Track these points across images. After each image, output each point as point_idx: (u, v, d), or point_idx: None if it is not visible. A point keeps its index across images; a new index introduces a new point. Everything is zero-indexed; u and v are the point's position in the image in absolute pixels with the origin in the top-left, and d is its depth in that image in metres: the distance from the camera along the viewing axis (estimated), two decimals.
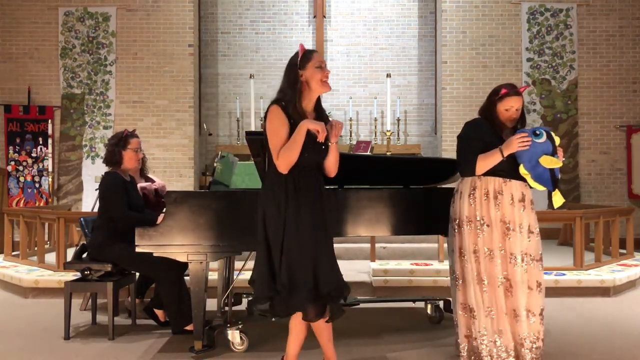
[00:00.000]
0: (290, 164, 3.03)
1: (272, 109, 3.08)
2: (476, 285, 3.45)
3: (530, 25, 9.02)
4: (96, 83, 8.92)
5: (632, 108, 9.05)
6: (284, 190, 3.05)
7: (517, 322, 3.40)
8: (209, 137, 9.37)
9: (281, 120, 3.05)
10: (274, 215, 3.05)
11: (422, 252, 6.47)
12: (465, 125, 3.68)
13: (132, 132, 4.48)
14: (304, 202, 3.05)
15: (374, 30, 9.76)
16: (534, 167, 3.39)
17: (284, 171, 3.04)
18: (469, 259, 3.46)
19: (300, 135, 3.00)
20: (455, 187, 3.71)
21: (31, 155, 8.81)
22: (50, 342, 4.11)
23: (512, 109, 3.48)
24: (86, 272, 4.25)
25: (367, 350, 3.81)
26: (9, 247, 6.83)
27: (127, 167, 4.44)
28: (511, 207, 3.44)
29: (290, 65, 3.14)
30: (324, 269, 3.05)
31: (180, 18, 8.95)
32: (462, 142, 3.62)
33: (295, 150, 3.00)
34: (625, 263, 6.41)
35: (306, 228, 3.04)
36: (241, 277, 4.58)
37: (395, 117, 9.35)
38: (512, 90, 3.49)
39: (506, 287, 3.42)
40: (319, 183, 3.17)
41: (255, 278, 3.13)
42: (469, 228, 3.48)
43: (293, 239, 3.02)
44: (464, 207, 3.51)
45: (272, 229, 3.06)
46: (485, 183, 3.49)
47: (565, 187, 8.90)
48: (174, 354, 3.84)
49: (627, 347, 3.98)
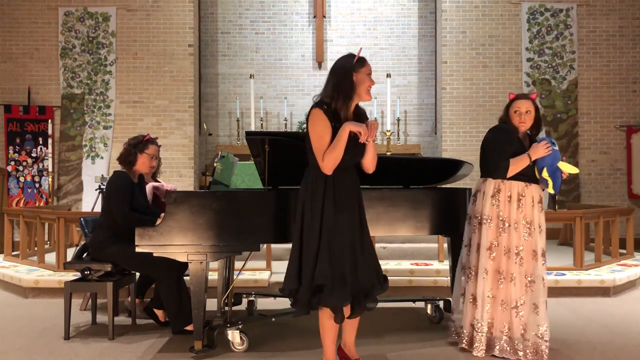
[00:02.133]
0: (335, 165, 3.13)
1: (315, 112, 3.14)
2: (488, 279, 3.72)
3: (530, 25, 9.02)
4: (96, 83, 8.92)
5: (632, 108, 9.05)
6: (322, 188, 3.16)
7: (536, 314, 3.67)
8: (209, 137, 9.37)
9: (325, 123, 3.12)
10: (311, 215, 3.16)
11: (422, 252, 6.47)
12: (491, 131, 3.91)
13: (154, 139, 4.51)
14: (343, 200, 3.17)
15: (374, 30, 9.77)
16: (554, 172, 3.74)
17: (328, 172, 3.14)
18: (486, 255, 3.74)
19: (344, 138, 3.10)
20: (475, 187, 3.96)
21: (31, 155, 8.81)
22: (50, 342, 4.11)
23: (520, 110, 3.77)
24: (86, 272, 4.25)
25: (367, 350, 3.81)
26: (9, 247, 6.84)
27: (138, 170, 4.44)
28: (532, 208, 3.76)
29: (345, 68, 3.15)
30: (361, 266, 3.17)
31: (180, 18, 8.95)
32: (493, 147, 3.83)
33: (339, 152, 3.11)
34: (625, 263, 6.41)
35: (344, 225, 3.15)
36: (241, 277, 4.59)
37: (395, 117, 9.35)
38: (520, 94, 3.87)
39: (525, 283, 3.70)
40: (356, 182, 3.31)
41: (287, 269, 3.29)
42: (489, 226, 3.76)
43: (332, 236, 3.13)
44: (486, 207, 3.79)
45: (308, 226, 3.17)
46: (509, 186, 3.77)
47: (565, 187, 8.90)
48: (174, 354, 3.84)
49: (627, 347, 3.98)
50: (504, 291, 3.72)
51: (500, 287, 3.71)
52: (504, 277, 3.71)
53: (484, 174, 3.90)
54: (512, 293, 3.69)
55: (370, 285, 3.21)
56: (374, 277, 3.25)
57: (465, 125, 8.94)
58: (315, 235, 3.14)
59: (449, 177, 4.69)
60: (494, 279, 3.72)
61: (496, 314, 3.72)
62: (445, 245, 5.23)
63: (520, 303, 3.68)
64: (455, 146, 8.87)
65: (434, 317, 4.62)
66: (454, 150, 8.80)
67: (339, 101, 3.13)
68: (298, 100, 9.72)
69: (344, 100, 3.14)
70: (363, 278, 3.18)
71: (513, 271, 3.70)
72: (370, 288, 3.22)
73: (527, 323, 3.67)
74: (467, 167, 4.52)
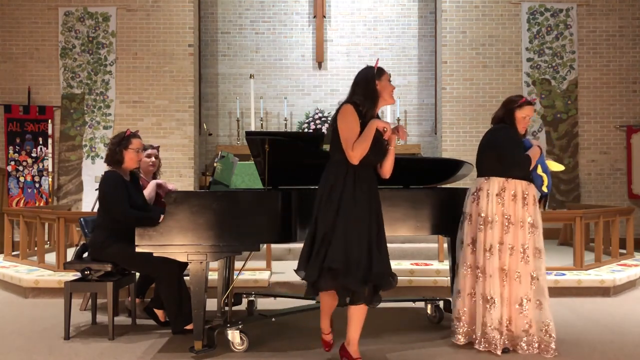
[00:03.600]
0: (362, 155, 3.35)
1: (347, 107, 3.40)
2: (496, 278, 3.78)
3: (530, 25, 9.02)
4: (96, 83, 8.92)
5: (632, 108, 9.05)
6: (342, 182, 3.37)
7: (540, 309, 3.77)
8: (209, 137, 9.38)
9: (355, 117, 3.38)
10: (329, 202, 3.36)
11: (422, 252, 6.47)
12: (496, 131, 3.96)
13: (135, 132, 4.48)
14: (361, 194, 3.37)
15: (374, 30, 9.77)
16: (546, 170, 3.87)
17: (356, 162, 3.36)
18: (495, 253, 3.79)
19: (371, 131, 3.36)
20: (477, 185, 3.96)
21: (31, 155, 8.81)
22: (50, 342, 4.11)
23: (527, 117, 3.90)
24: (86, 272, 4.25)
25: (367, 350, 3.80)
26: (9, 247, 6.84)
27: (127, 167, 4.43)
28: (534, 206, 3.85)
29: (368, 77, 3.45)
30: (375, 256, 3.34)
31: (180, 18, 8.95)
32: (509, 144, 3.85)
33: (367, 143, 3.35)
34: (625, 263, 6.41)
35: (361, 216, 3.35)
36: (241, 277, 4.59)
37: (395, 117, 9.35)
38: (529, 100, 3.95)
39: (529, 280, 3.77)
40: (374, 180, 3.51)
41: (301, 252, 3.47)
42: (496, 225, 3.81)
43: (348, 226, 3.32)
44: (492, 205, 3.84)
45: (323, 214, 3.36)
46: (513, 185, 3.84)
47: (565, 187, 8.90)
48: (174, 354, 3.84)
49: (627, 347, 3.98)
50: (509, 289, 3.77)
51: (506, 285, 3.78)
52: (509, 275, 3.77)
53: (487, 173, 3.91)
54: (519, 290, 3.76)
55: (381, 278, 3.36)
56: (386, 271, 3.40)
57: (465, 125, 8.94)
58: (330, 222, 3.33)
59: (449, 177, 4.69)
60: (500, 277, 3.79)
61: (503, 312, 3.77)
62: (445, 245, 5.23)
63: (526, 300, 3.76)
64: (455, 146, 8.87)
65: (434, 317, 4.62)
66: (454, 150, 8.80)
67: (367, 106, 3.41)
68: (298, 100, 9.72)
69: (370, 105, 3.42)
70: (376, 270, 3.33)
71: (519, 269, 3.77)
72: (381, 281, 3.37)
73: (532, 319, 3.76)
74: (467, 167, 4.52)
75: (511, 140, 3.85)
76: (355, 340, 3.50)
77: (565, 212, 7.13)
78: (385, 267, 3.39)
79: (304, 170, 3.95)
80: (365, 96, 3.42)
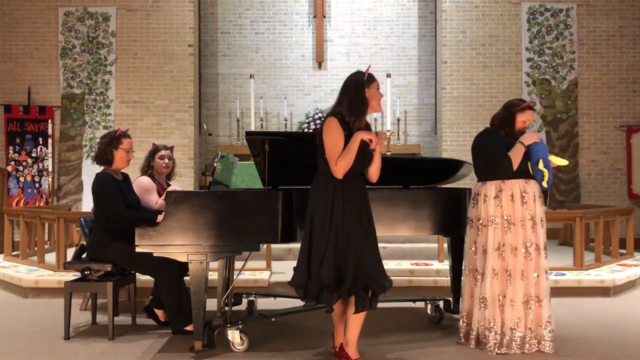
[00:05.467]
0: (346, 169, 3.37)
1: (331, 121, 3.39)
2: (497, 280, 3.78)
3: (530, 25, 9.02)
4: (96, 83, 8.92)
5: (632, 108, 9.05)
6: (332, 193, 3.39)
7: (541, 307, 3.78)
8: (209, 137, 9.37)
9: (339, 131, 3.37)
10: (321, 216, 3.39)
11: (422, 252, 6.47)
12: (481, 135, 4.01)
13: (125, 132, 4.46)
14: (350, 203, 3.39)
15: (374, 30, 9.76)
16: (547, 165, 3.79)
17: (339, 176, 3.38)
18: (495, 255, 3.79)
19: (355, 145, 3.36)
20: (474, 191, 3.99)
21: (31, 155, 8.81)
22: (50, 342, 4.11)
23: (527, 121, 3.88)
24: (86, 272, 4.25)
25: (367, 350, 3.80)
26: (9, 247, 6.84)
27: (117, 167, 4.40)
28: (534, 203, 3.83)
29: (358, 84, 3.43)
30: (367, 263, 3.36)
31: (180, 18, 8.95)
32: (488, 149, 3.87)
33: (351, 157, 3.36)
34: (625, 263, 6.41)
35: (352, 225, 3.37)
36: (241, 277, 4.59)
37: (395, 117, 9.35)
38: (530, 103, 3.92)
39: (532, 278, 3.78)
40: (363, 187, 3.53)
41: (295, 267, 3.50)
42: (495, 227, 3.81)
43: (339, 235, 3.35)
44: (490, 208, 3.83)
45: (318, 228, 3.39)
46: (510, 186, 3.83)
47: (565, 187, 8.90)
48: (174, 354, 3.84)
49: (627, 347, 3.98)
50: (513, 289, 3.77)
51: (509, 285, 3.78)
52: (512, 275, 3.77)
53: (482, 178, 3.94)
54: (522, 289, 3.77)
55: (374, 281, 3.37)
56: (379, 275, 3.40)
57: (465, 125, 8.93)
58: (325, 235, 3.37)
59: (449, 177, 4.69)
60: (502, 278, 3.79)
61: (507, 312, 3.78)
62: (445, 245, 5.23)
63: (529, 298, 3.78)
64: (455, 146, 8.87)
65: (434, 317, 4.62)
66: (454, 150, 8.79)
67: (353, 116, 3.39)
68: (298, 100, 9.72)
69: (357, 116, 3.40)
70: (367, 275, 3.35)
71: (522, 268, 3.77)
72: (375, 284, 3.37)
73: (535, 317, 3.78)
74: (467, 167, 4.52)
75: (488, 146, 3.87)
76: (353, 342, 3.50)
77: (565, 212, 7.13)
78: (378, 270, 3.41)
79: (304, 170, 3.94)
80: (354, 106, 3.40)
